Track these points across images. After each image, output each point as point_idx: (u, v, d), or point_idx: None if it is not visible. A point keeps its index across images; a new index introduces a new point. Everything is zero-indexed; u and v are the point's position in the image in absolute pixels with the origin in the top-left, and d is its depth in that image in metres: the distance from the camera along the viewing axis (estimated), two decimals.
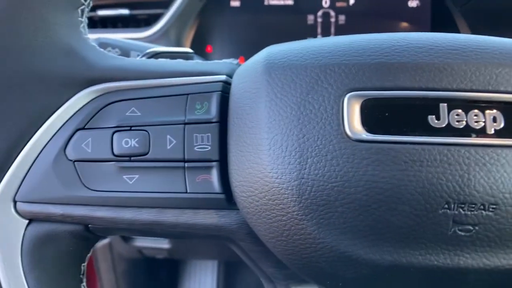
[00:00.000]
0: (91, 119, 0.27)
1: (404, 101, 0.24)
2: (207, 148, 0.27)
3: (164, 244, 0.93)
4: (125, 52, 0.43)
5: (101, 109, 0.27)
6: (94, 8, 0.72)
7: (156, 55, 0.35)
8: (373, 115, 0.24)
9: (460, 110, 0.24)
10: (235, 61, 0.34)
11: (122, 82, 0.28)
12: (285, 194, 0.25)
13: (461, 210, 0.24)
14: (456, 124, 0.24)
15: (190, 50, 0.38)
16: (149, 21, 0.73)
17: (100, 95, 0.27)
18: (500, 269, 0.24)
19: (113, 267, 1.11)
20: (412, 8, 0.74)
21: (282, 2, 0.75)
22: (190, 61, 0.31)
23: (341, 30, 0.75)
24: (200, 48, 0.77)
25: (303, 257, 0.26)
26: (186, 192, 0.27)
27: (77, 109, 0.27)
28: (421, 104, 0.24)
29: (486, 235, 0.24)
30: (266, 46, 0.70)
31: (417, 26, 0.74)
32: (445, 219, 0.24)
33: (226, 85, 0.29)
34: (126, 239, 0.92)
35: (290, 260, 0.27)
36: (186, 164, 0.27)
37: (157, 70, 0.29)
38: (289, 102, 0.25)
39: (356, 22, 0.75)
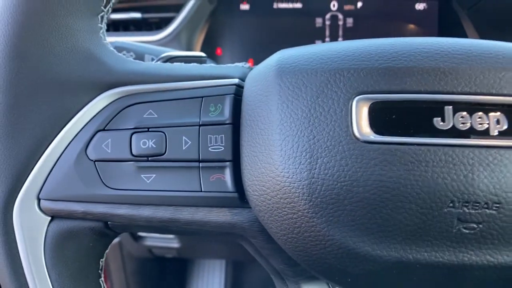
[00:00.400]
0: (110, 121, 0.28)
1: (410, 104, 0.25)
2: (221, 148, 0.28)
3: (173, 243, 0.94)
4: (139, 55, 0.44)
5: (120, 111, 0.28)
6: None
7: (171, 59, 0.37)
8: (381, 118, 0.25)
9: (464, 113, 0.25)
10: (246, 65, 0.35)
11: (140, 85, 0.29)
12: (296, 193, 0.26)
13: (465, 208, 0.24)
14: (460, 126, 0.25)
15: (203, 54, 0.39)
16: (161, 24, 0.75)
17: (119, 98, 0.29)
18: (503, 266, 0.25)
19: (123, 266, 1.13)
20: (419, 10, 0.75)
21: (291, 5, 0.76)
22: (204, 65, 0.33)
23: (349, 33, 0.76)
24: (210, 51, 0.78)
25: (313, 253, 0.27)
26: (201, 191, 0.28)
27: (97, 111, 0.28)
28: (427, 106, 0.25)
29: (489, 233, 0.25)
30: (275, 48, 0.71)
31: (424, 28, 0.75)
32: (450, 217, 0.25)
33: (239, 88, 0.30)
34: (136, 238, 0.94)
35: (300, 256, 0.28)
36: (200, 164, 0.28)
37: (172, 74, 0.30)
38: (300, 105, 0.26)
39: (363, 25, 0.76)
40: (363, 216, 0.25)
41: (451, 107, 0.25)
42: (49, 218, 0.29)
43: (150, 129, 0.28)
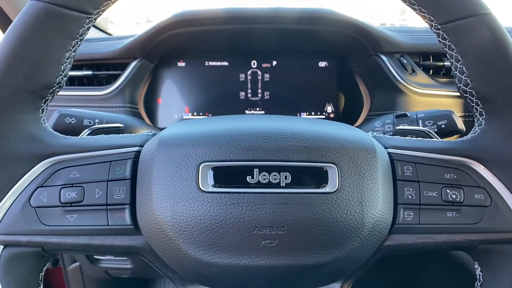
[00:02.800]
0: (46, 180, 0.41)
1: (234, 168, 0.40)
2: (122, 196, 0.41)
3: (127, 264, 1.02)
4: (79, 120, 0.58)
5: (53, 173, 0.41)
6: None
7: (96, 130, 0.51)
8: (216, 176, 0.40)
9: (265, 172, 0.40)
10: (151, 133, 0.49)
11: (68, 155, 0.43)
12: (165, 225, 0.40)
13: (265, 230, 0.39)
14: (263, 181, 0.40)
15: (121, 125, 0.54)
16: (110, 79, 0.87)
17: (53, 164, 0.41)
18: (293, 265, 0.40)
19: None
20: (322, 67, 0.91)
21: (219, 63, 0.90)
22: (115, 136, 0.46)
23: (266, 85, 0.90)
24: (152, 100, 0.90)
25: (179, 263, 0.41)
26: (108, 225, 0.41)
27: (37, 174, 0.41)
28: (243, 169, 0.40)
29: (282, 245, 0.39)
30: (206, 98, 0.94)
31: (325, 82, 0.90)
32: (257, 237, 0.39)
33: (138, 153, 0.45)
34: (93, 261, 1.03)
35: (175, 266, 0.42)
36: (108, 207, 0.41)
37: (91, 146, 0.43)
38: (168, 168, 0.41)
39: (277, 79, 0.90)
40: (205, 237, 0.39)
41: (258, 169, 0.40)
42: (2, 246, 0.40)
43: (73, 185, 0.41)
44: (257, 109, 0.91)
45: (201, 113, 0.91)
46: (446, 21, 0.41)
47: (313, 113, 0.91)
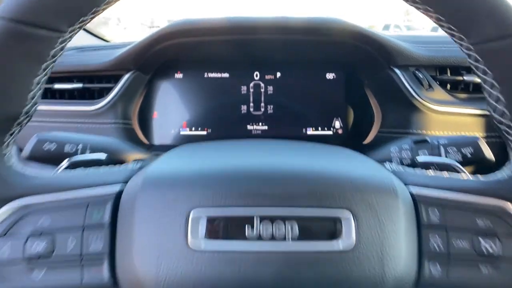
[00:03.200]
0: (10, 228, 0.35)
1: (230, 218, 0.34)
2: (100, 246, 0.36)
3: None
4: (60, 145, 0.52)
5: (18, 219, 0.36)
6: (52, 81, 0.81)
7: (74, 164, 0.45)
8: (209, 227, 0.34)
9: (267, 225, 0.34)
10: (137, 165, 0.43)
11: (37, 196, 0.37)
12: (147, 284, 0.34)
13: None
14: (265, 235, 0.34)
15: (103, 157, 0.47)
16: (103, 93, 0.81)
17: (18, 209, 0.36)
18: None
19: None
20: (329, 79, 0.85)
21: (219, 75, 0.84)
22: (94, 171, 0.40)
23: (269, 98, 0.84)
24: (147, 115, 0.84)
25: None
26: (82, 283, 0.35)
27: None
28: (241, 220, 0.34)
29: None
30: (206, 113, 0.84)
31: (333, 95, 0.84)
32: None
33: (120, 192, 0.39)
34: None
35: None
36: (82, 260, 0.35)
37: (64, 185, 0.38)
38: (153, 215, 0.34)
39: (281, 92, 0.84)
40: None
41: (257, 220, 0.34)
42: None
43: (42, 233, 0.35)
44: (260, 124, 0.85)
45: (199, 128, 0.84)
46: (479, 40, 0.35)
47: (319, 129, 0.85)
